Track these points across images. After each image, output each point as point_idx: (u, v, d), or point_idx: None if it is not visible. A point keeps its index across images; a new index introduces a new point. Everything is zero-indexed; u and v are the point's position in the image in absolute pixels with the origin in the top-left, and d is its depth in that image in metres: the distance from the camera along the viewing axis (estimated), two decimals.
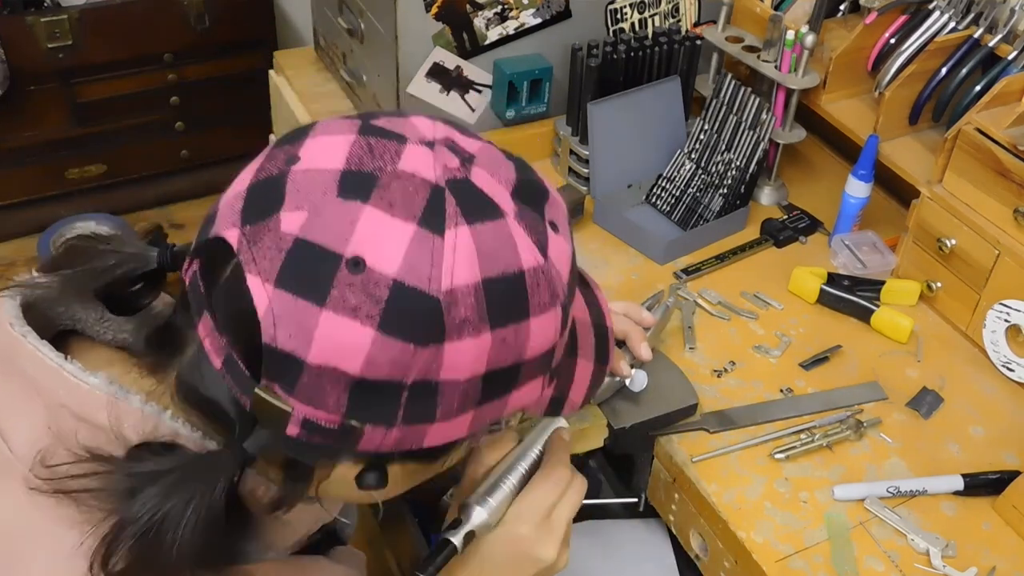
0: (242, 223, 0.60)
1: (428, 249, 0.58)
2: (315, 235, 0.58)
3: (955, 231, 1.21)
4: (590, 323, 0.79)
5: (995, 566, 0.99)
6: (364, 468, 0.66)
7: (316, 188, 0.59)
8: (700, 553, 1.09)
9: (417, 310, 0.58)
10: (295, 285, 0.58)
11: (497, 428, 0.70)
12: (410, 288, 0.58)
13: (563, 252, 0.66)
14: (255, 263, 0.59)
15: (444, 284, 0.58)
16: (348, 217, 0.58)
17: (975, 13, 1.28)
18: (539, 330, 0.64)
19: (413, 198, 0.59)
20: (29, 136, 2.39)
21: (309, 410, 0.60)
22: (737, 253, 1.37)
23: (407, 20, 1.37)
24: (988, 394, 1.18)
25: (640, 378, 1.08)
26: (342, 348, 0.58)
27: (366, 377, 0.59)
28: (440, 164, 0.62)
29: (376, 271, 0.57)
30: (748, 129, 1.37)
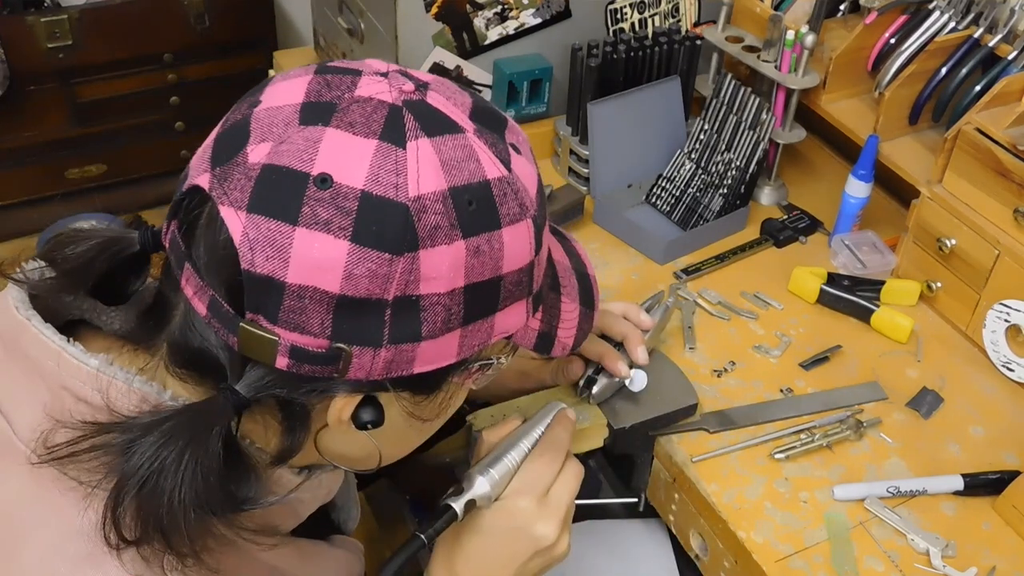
0: (212, 167, 0.62)
1: (392, 160, 0.60)
2: (281, 159, 0.60)
3: (955, 231, 1.21)
4: (570, 267, 0.80)
5: (995, 566, 0.99)
6: (359, 404, 0.66)
7: (279, 121, 0.61)
8: (700, 553, 1.09)
9: (388, 218, 0.59)
10: (267, 208, 0.59)
11: (488, 364, 0.71)
12: (378, 197, 0.59)
13: (528, 171, 0.67)
14: (227, 196, 0.60)
15: (411, 192, 0.60)
16: (311, 139, 0.60)
17: (975, 13, 1.28)
18: (512, 241, 0.65)
19: (372, 117, 0.61)
20: (29, 136, 2.39)
21: (295, 336, 0.61)
22: (737, 253, 1.37)
23: (407, 20, 1.37)
24: (988, 394, 1.18)
25: (640, 378, 1.08)
26: (319, 264, 0.59)
27: (347, 294, 0.60)
28: (396, 88, 0.63)
29: (344, 185, 0.59)
30: (748, 129, 1.37)
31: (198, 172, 0.63)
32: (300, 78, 0.65)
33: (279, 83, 0.65)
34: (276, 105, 0.63)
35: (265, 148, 0.60)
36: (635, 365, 1.09)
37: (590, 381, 1.09)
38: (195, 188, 0.63)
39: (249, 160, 0.60)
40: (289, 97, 0.63)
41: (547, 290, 0.74)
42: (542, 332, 0.74)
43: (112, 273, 0.72)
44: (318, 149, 0.60)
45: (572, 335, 0.78)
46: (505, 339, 0.70)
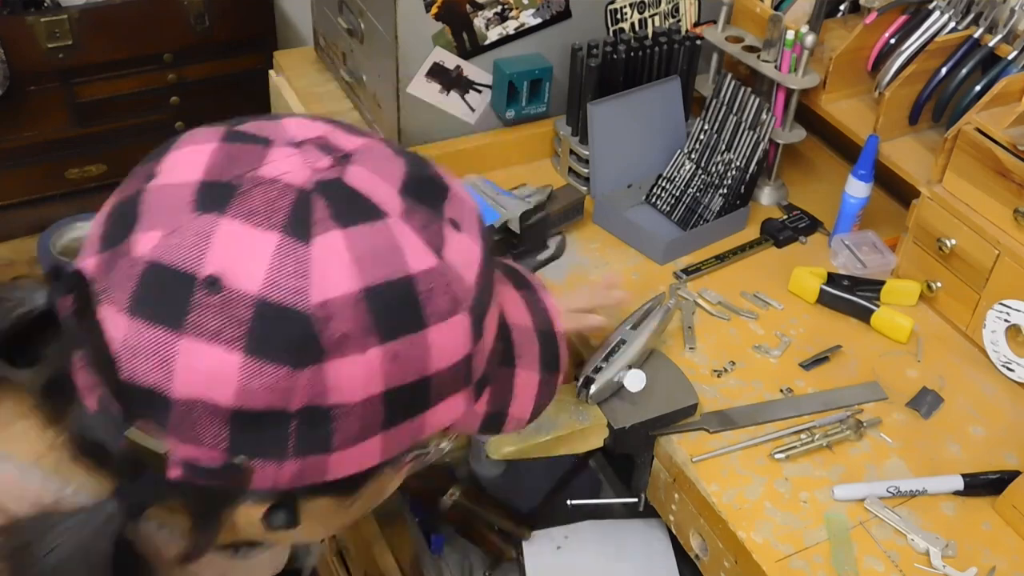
0: (100, 249, 0.56)
1: (294, 260, 0.53)
2: (168, 256, 0.53)
3: (955, 231, 1.21)
4: (532, 328, 0.71)
5: (995, 566, 0.99)
6: (270, 507, 0.60)
7: (172, 204, 0.55)
8: (700, 553, 1.09)
9: (287, 329, 0.52)
10: (150, 313, 0.53)
11: (424, 452, 0.64)
12: (276, 305, 0.52)
13: (468, 252, 0.60)
14: (108, 292, 0.54)
15: (315, 298, 0.53)
16: (203, 232, 0.53)
17: (975, 13, 1.28)
18: (441, 341, 0.57)
19: (275, 204, 0.54)
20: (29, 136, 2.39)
21: (187, 449, 0.55)
22: (737, 253, 1.37)
23: (407, 20, 1.37)
24: (988, 394, 1.18)
25: (638, 378, 1.08)
26: (208, 378, 0.53)
27: (243, 408, 0.53)
28: (308, 166, 0.56)
29: (236, 290, 0.52)
30: (748, 129, 1.37)
31: (89, 251, 0.57)
32: (205, 144, 0.58)
33: (183, 148, 0.59)
34: (172, 183, 0.56)
35: (153, 239, 0.54)
36: (635, 364, 1.10)
37: (588, 381, 1.09)
38: (80, 272, 0.57)
39: (134, 252, 0.54)
40: (188, 172, 0.56)
41: (495, 368, 0.66)
42: (489, 415, 0.66)
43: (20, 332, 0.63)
44: (209, 245, 0.53)
45: (529, 407, 0.70)
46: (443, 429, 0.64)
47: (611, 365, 1.10)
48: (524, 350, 0.69)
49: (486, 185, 1.33)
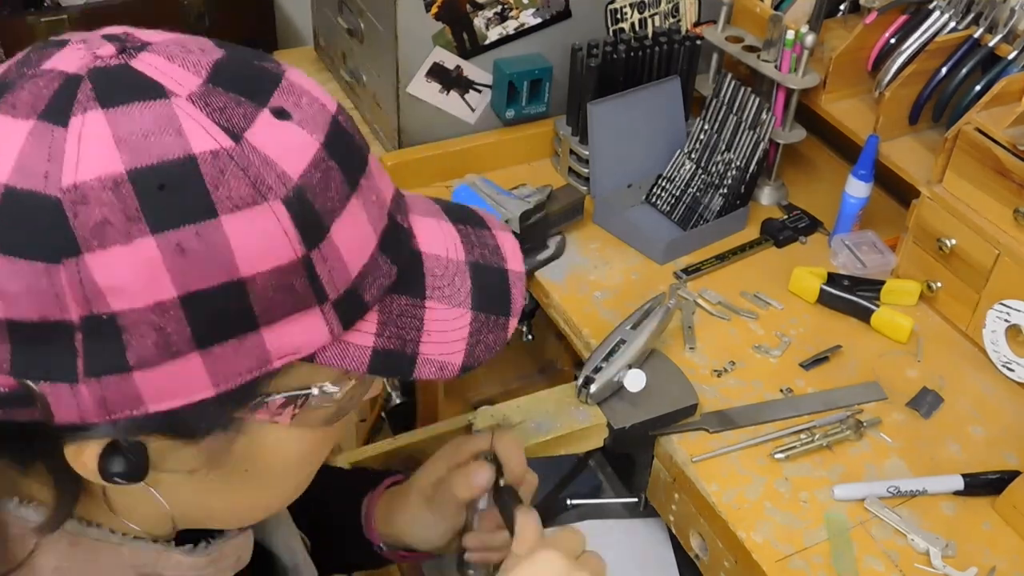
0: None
1: (46, 143, 0.48)
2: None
3: (955, 231, 1.21)
4: (464, 262, 0.63)
5: (995, 566, 0.99)
6: (103, 450, 0.53)
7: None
8: (700, 553, 1.09)
9: (34, 217, 0.47)
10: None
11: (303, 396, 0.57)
12: (23, 192, 0.47)
13: (289, 140, 0.52)
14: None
15: (66, 180, 0.47)
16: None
17: (975, 13, 1.28)
18: (245, 235, 0.50)
19: (40, 93, 0.49)
20: None
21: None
22: (737, 253, 1.37)
23: (407, 20, 1.37)
24: (988, 394, 1.18)
25: (638, 378, 1.08)
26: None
27: (15, 318, 0.48)
28: (89, 54, 0.51)
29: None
30: (748, 129, 1.37)
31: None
32: (15, 57, 0.53)
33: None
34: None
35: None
36: (635, 364, 1.10)
37: (588, 381, 1.09)
38: None
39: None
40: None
41: (381, 293, 0.58)
42: (383, 349, 0.57)
43: None
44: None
45: (459, 350, 0.61)
46: (309, 362, 0.55)
47: (611, 365, 1.10)
48: (443, 283, 0.62)
49: (486, 185, 1.33)
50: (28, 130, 0.48)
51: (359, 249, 0.56)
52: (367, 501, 0.97)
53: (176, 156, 0.48)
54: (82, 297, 0.48)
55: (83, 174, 0.47)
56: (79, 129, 0.48)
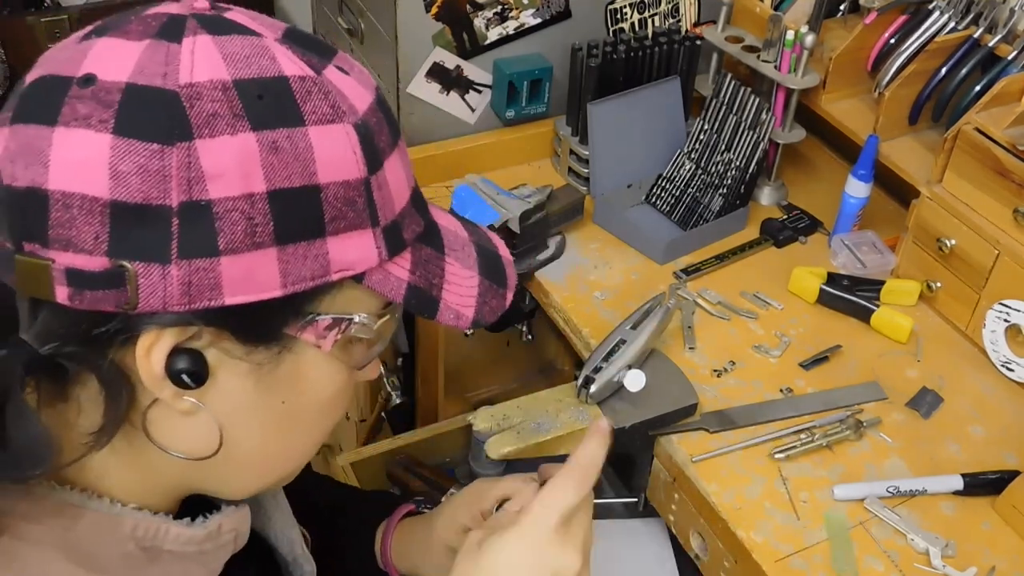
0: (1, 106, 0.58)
1: (163, 53, 0.54)
2: (47, 68, 0.56)
3: (955, 231, 1.21)
4: (467, 238, 0.70)
5: (995, 566, 0.99)
6: (172, 352, 0.56)
7: (60, 47, 0.58)
8: (700, 553, 1.09)
9: (154, 106, 0.53)
10: (28, 116, 0.55)
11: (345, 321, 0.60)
12: (143, 87, 0.53)
13: (353, 87, 0.59)
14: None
15: (183, 79, 0.53)
16: (82, 50, 0.56)
17: (975, 13, 1.28)
18: (325, 144, 0.56)
19: (150, 24, 0.56)
20: None
21: (69, 257, 0.53)
22: (737, 253, 1.37)
23: (407, 20, 1.37)
24: (988, 394, 1.18)
25: (638, 378, 1.08)
26: (81, 164, 0.52)
27: (120, 200, 0.52)
28: (187, 5, 0.58)
29: (107, 80, 0.54)
30: (748, 129, 1.37)
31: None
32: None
33: None
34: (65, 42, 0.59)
35: (39, 68, 0.57)
36: (634, 364, 1.10)
37: (588, 381, 1.09)
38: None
39: (25, 79, 0.58)
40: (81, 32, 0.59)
41: (414, 238, 0.64)
42: (415, 286, 0.62)
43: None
44: (87, 55, 0.55)
45: (471, 304, 0.66)
46: (357, 283, 0.60)
47: (611, 365, 1.10)
48: (457, 247, 0.68)
49: (486, 185, 1.33)
50: (144, 46, 0.54)
51: (401, 191, 0.63)
52: (383, 530, 0.97)
53: (272, 74, 0.55)
54: (186, 181, 0.53)
55: (197, 76, 0.54)
56: (191, 46, 0.54)
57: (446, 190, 1.41)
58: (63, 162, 0.53)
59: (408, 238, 0.63)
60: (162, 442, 0.61)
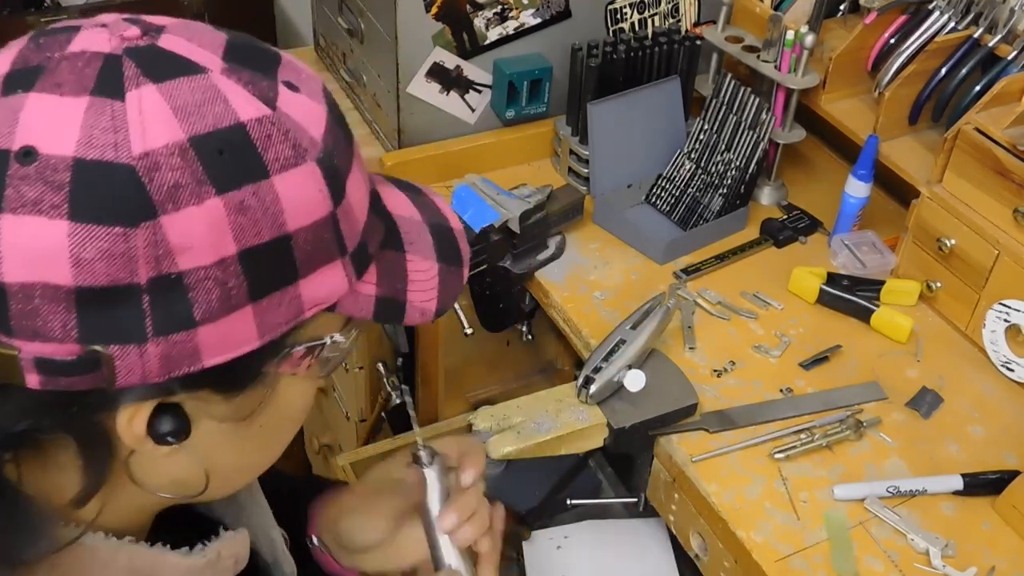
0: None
1: (108, 116, 0.50)
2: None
3: (955, 231, 1.21)
4: (422, 222, 0.69)
5: (995, 566, 0.99)
6: (153, 414, 0.55)
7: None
8: (700, 553, 1.09)
9: (111, 185, 0.49)
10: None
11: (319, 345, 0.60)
12: (94, 163, 0.49)
13: (308, 110, 0.57)
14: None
15: (136, 148, 0.50)
16: (10, 111, 0.50)
17: (975, 13, 1.28)
18: (291, 191, 0.54)
19: (83, 72, 0.51)
20: None
21: (37, 346, 0.51)
22: (737, 253, 1.37)
23: (407, 20, 1.37)
24: (988, 394, 1.18)
25: (638, 378, 1.08)
26: (38, 254, 0.49)
27: (85, 285, 0.50)
28: (116, 36, 0.53)
29: (51, 155, 0.49)
30: (748, 129, 1.37)
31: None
32: (12, 48, 0.54)
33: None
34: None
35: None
36: (634, 364, 1.10)
37: (588, 380, 1.09)
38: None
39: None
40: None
41: (377, 248, 0.63)
42: (382, 297, 0.63)
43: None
44: (18, 119, 0.50)
45: (433, 297, 0.67)
46: (328, 311, 0.60)
47: (611, 365, 1.10)
48: (414, 238, 0.67)
49: (486, 185, 1.33)
50: (85, 106, 0.50)
51: (362, 206, 0.61)
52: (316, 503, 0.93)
53: (228, 123, 0.52)
54: (153, 258, 0.50)
55: (151, 142, 0.50)
56: (138, 102, 0.50)
57: (446, 190, 1.41)
58: (17, 253, 0.49)
59: (373, 250, 0.63)
60: (146, 483, 0.61)
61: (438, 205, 0.72)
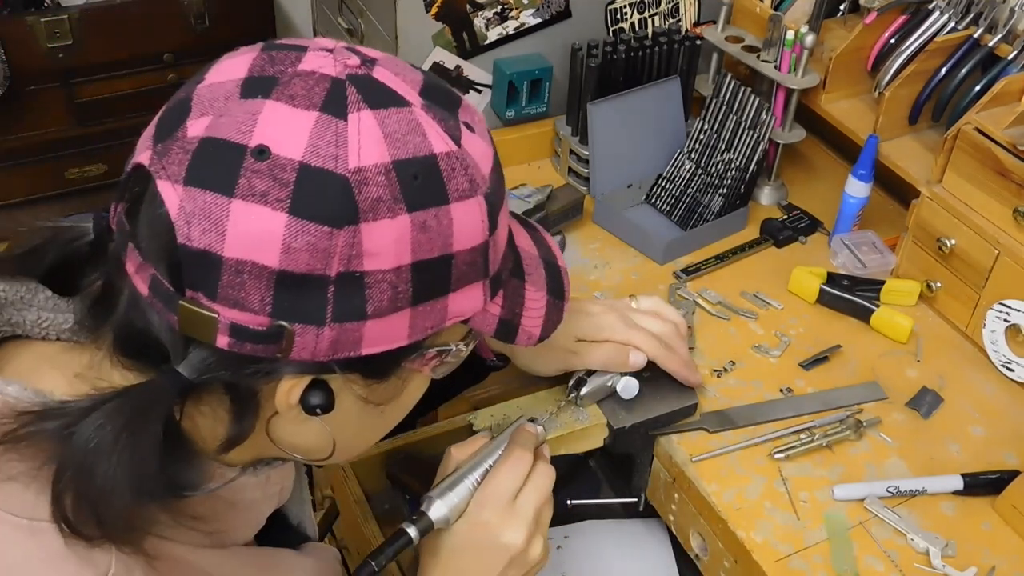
0: (153, 144, 0.61)
1: (332, 132, 0.59)
2: (219, 132, 0.59)
3: (955, 231, 1.21)
4: (538, 257, 0.79)
5: (995, 566, 0.99)
6: (308, 387, 0.64)
7: (219, 96, 0.61)
8: (700, 553, 1.09)
9: (327, 190, 0.58)
10: (203, 180, 0.58)
11: (446, 350, 0.69)
12: (317, 169, 0.58)
13: (481, 149, 0.66)
14: (164, 170, 0.59)
15: (352, 163, 0.59)
16: (251, 112, 0.59)
17: (975, 13, 1.28)
18: (462, 218, 0.63)
19: (313, 89, 0.60)
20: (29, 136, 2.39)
21: (235, 314, 0.59)
22: (737, 253, 1.37)
23: (407, 20, 1.37)
24: (988, 394, 1.18)
25: (631, 386, 1.08)
26: (256, 238, 0.58)
27: (287, 270, 0.58)
28: (340, 63, 0.62)
29: (281, 156, 0.58)
30: (748, 129, 1.37)
31: (141, 150, 0.62)
32: (246, 55, 0.63)
33: (225, 61, 0.64)
34: (218, 81, 0.62)
35: (204, 122, 0.60)
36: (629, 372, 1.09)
37: (579, 382, 1.08)
38: (137, 166, 0.62)
39: (188, 134, 0.59)
40: (232, 73, 0.62)
41: (507, 275, 0.73)
42: (503, 319, 0.72)
43: (66, 263, 0.71)
44: (257, 121, 0.59)
45: (539, 324, 0.76)
46: (462, 324, 0.69)
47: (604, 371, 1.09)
48: (532, 270, 0.77)
49: None
50: (314, 119, 0.59)
51: (504, 238, 0.71)
52: None
53: (424, 153, 0.61)
54: (347, 257, 0.59)
55: (364, 160, 0.59)
56: (357, 124, 0.59)
57: None
58: (240, 234, 0.58)
59: (505, 277, 0.72)
60: (281, 442, 0.69)
61: (549, 243, 0.83)
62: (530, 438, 0.89)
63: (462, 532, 0.82)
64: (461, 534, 0.82)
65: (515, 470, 0.84)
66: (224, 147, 0.58)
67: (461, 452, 0.88)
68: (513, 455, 0.85)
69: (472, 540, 0.82)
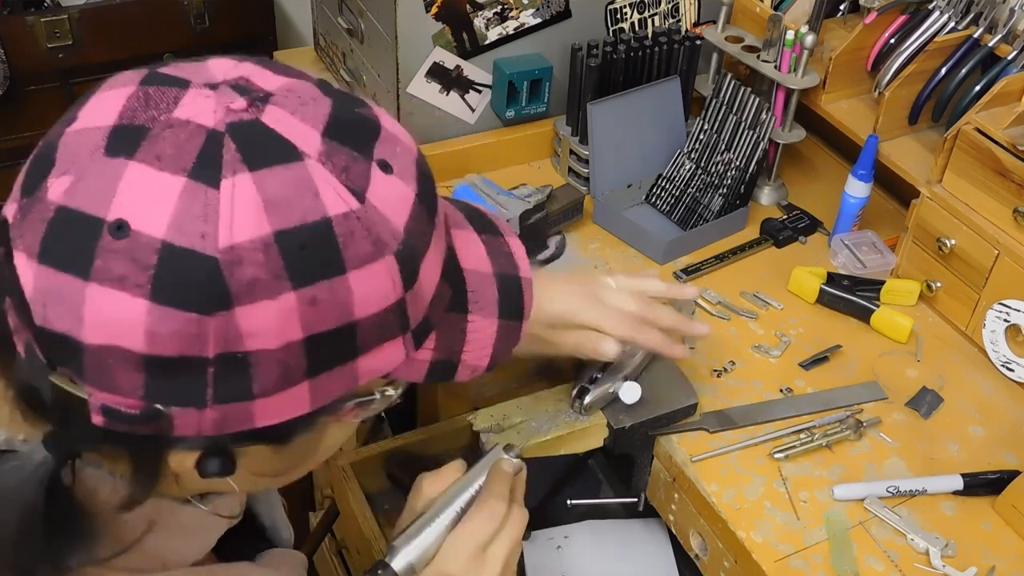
0: (20, 196, 0.56)
1: (200, 203, 0.52)
2: (76, 200, 0.53)
3: (955, 231, 1.21)
4: (492, 274, 0.70)
5: (995, 566, 0.99)
6: (202, 454, 0.59)
7: (84, 149, 0.54)
8: (700, 553, 1.09)
9: (193, 274, 0.52)
10: (58, 259, 0.53)
11: (368, 400, 0.63)
12: (181, 250, 0.52)
13: (397, 195, 0.58)
14: (22, 239, 0.54)
15: (223, 241, 0.52)
16: (111, 176, 0.53)
17: (975, 13, 1.28)
18: (365, 286, 0.56)
19: (183, 147, 0.53)
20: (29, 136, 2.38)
21: (105, 396, 0.55)
22: (737, 253, 1.37)
23: (407, 20, 1.37)
24: (988, 394, 1.18)
25: (634, 391, 1.07)
26: (117, 324, 0.52)
27: (155, 354, 0.53)
28: (222, 107, 0.55)
29: (142, 234, 0.52)
30: (748, 129, 1.37)
31: (11, 200, 0.57)
32: (122, 90, 0.57)
33: (102, 94, 0.57)
34: (87, 127, 0.55)
35: (65, 183, 0.53)
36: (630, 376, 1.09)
37: (582, 391, 1.08)
38: (4, 221, 0.56)
39: (48, 196, 0.53)
40: (103, 117, 0.55)
41: (441, 315, 0.65)
42: (437, 361, 0.65)
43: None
44: (116, 189, 0.52)
45: (487, 354, 0.69)
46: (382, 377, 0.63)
47: (607, 376, 1.09)
48: (479, 296, 0.69)
49: (486, 185, 1.33)
50: (180, 188, 0.52)
51: (433, 282, 0.63)
52: None
53: (315, 219, 0.54)
54: (223, 340, 0.53)
55: (237, 236, 0.52)
56: (231, 192, 0.52)
57: (446, 190, 1.41)
58: (98, 321, 0.52)
59: (435, 320, 0.64)
60: (189, 490, 0.66)
61: (512, 249, 0.73)
62: (506, 480, 0.82)
63: None
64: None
65: (488, 523, 0.79)
66: (80, 221, 0.52)
67: (432, 487, 0.82)
68: (487, 506, 0.79)
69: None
